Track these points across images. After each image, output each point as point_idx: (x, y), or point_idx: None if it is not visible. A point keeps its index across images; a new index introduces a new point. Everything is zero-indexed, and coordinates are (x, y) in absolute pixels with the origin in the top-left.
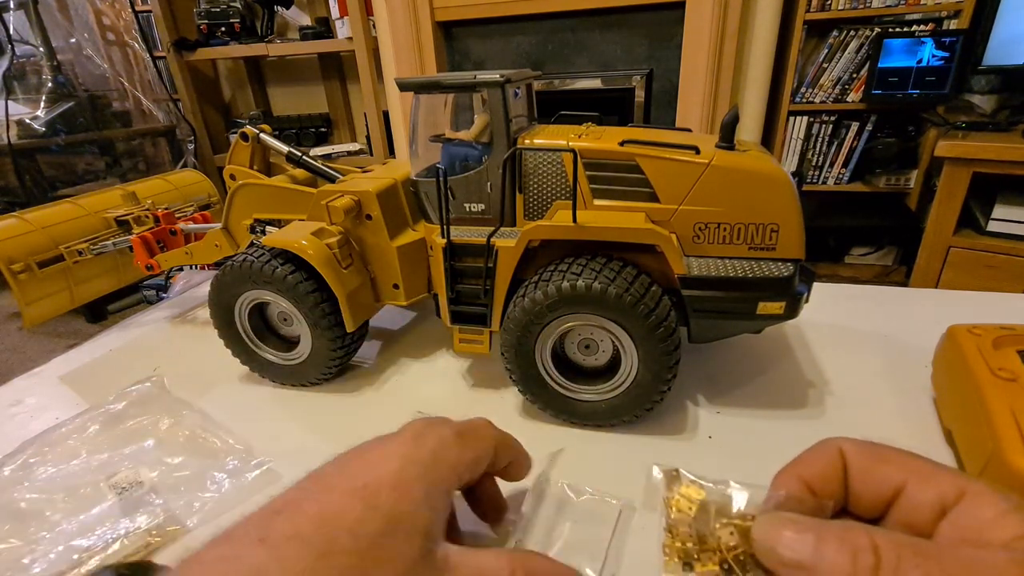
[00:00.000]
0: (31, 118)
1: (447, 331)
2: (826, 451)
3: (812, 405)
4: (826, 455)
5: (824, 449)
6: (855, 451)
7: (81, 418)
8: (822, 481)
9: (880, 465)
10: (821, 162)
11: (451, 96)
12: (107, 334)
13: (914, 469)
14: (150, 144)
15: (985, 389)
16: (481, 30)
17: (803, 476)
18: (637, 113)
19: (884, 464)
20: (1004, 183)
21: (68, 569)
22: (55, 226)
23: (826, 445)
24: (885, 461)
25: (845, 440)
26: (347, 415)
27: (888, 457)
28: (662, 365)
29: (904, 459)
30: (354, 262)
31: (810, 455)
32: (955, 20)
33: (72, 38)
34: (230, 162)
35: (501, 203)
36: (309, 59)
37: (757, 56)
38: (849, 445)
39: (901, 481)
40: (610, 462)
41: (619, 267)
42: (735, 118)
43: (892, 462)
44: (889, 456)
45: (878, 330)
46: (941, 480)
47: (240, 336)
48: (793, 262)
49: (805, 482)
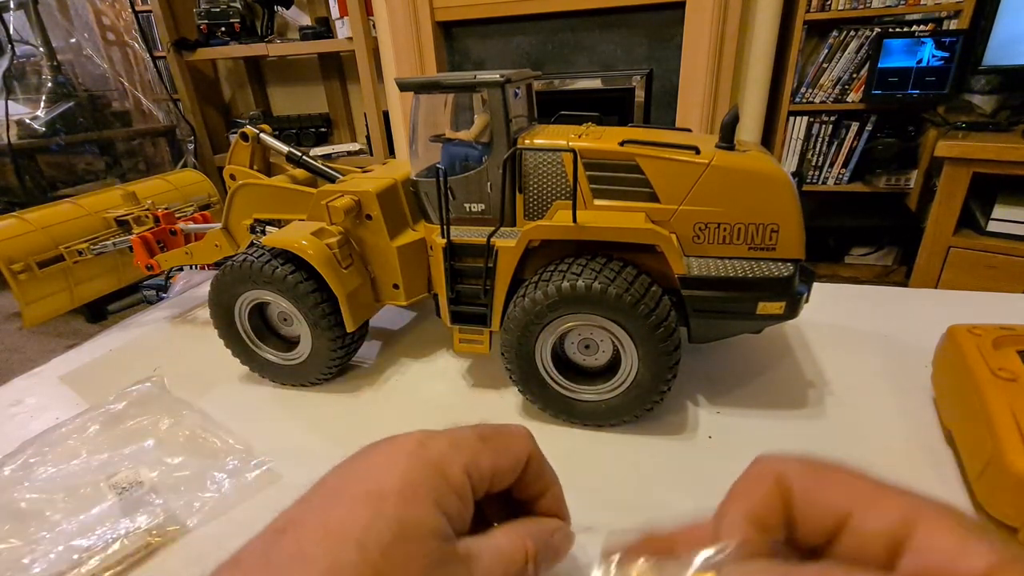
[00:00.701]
0: (31, 118)
1: (447, 331)
2: (764, 478)
3: (812, 405)
4: (765, 483)
5: (761, 476)
6: (796, 474)
7: (81, 418)
8: (766, 514)
9: (823, 490)
10: (821, 162)
11: (451, 96)
12: (107, 334)
13: (859, 494)
14: (150, 144)
15: (985, 389)
16: (481, 30)
17: (747, 513)
18: (637, 113)
19: (827, 488)
20: (1004, 183)
21: (68, 569)
22: (55, 226)
23: (762, 471)
24: (828, 484)
25: (782, 461)
26: (347, 415)
27: (831, 479)
28: (662, 365)
29: (848, 481)
30: (354, 262)
31: (748, 485)
32: (955, 20)
33: (72, 38)
34: (230, 162)
35: (501, 203)
36: (309, 59)
37: (757, 56)
38: (789, 467)
39: (846, 509)
40: (610, 462)
41: (619, 267)
42: (735, 118)
43: (835, 485)
44: (832, 478)
45: (878, 330)
46: (888, 507)
47: (240, 336)
48: (793, 262)
49: (751, 520)
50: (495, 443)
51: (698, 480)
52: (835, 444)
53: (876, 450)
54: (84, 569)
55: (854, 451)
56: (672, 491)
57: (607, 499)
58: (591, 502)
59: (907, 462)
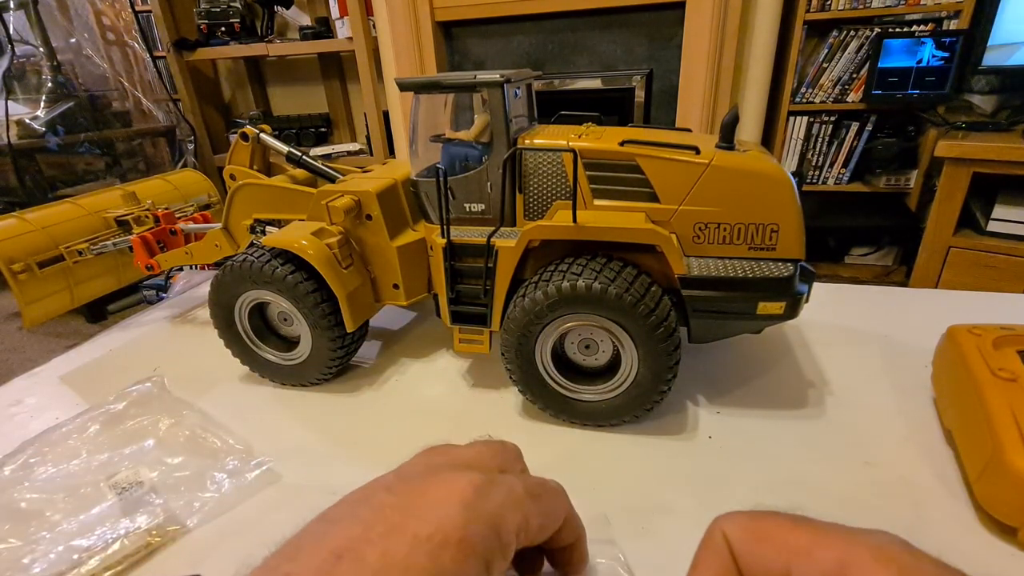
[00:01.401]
0: (31, 118)
1: (447, 331)
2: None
3: (812, 405)
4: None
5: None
6: (736, 537)
7: (81, 418)
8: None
9: (760, 549)
10: (821, 162)
11: (451, 96)
12: (107, 334)
13: (789, 548)
14: (150, 144)
15: (985, 389)
16: (481, 30)
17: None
18: (637, 113)
19: (763, 547)
20: (1004, 183)
21: (68, 569)
22: (55, 226)
23: (712, 537)
24: (764, 543)
25: (728, 522)
26: (347, 415)
27: (767, 535)
28: (662, 365)
29: (783, 535)
30: (354, 262)
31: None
32: (955, 20)
33: (72, 38)
34: (230, 162)
35: (501, 203)
36: (309, 59)
37: (757, 56)
38: (730, 529)
39: (783, 566)
40: (610, 462)
41: (619, 267)
42: (735, 118)
43: (770, 543)
44: (767, 534)
45: (878, 330)
46: (820, 557)
47: (240, 336)
48: (793, 262)
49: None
50: (543, 504)
51: (698, 480)
52: (835, 444)
53: (876, 450)
54: (84, 569)
55: (854, 451)
56: (672, 491)
57: (607, 499)
58: (591, 502)
59: (907, 462)
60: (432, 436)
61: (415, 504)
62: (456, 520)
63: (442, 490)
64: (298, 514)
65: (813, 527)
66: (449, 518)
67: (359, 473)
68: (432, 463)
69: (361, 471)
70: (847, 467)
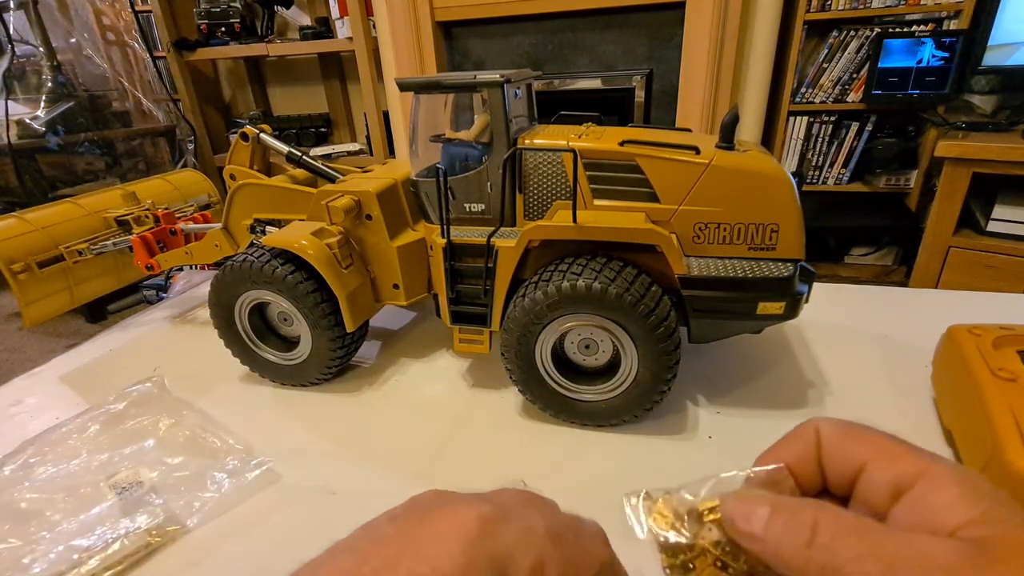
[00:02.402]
0: (31, 118)
1: (447, 331)
2: (803, 432)
3: (812, 405)
4: (803, 437)
5: (802, 431)
6: (829, 430)
7: (81, 418)
8: (798, 462)
9: (849, 443)
10: (821, 162)
11: (451, 96)
12: (107, 334)
13: (879, 448)
14: (150, 144)
15: (985, 389)
16: (481, 30)
17: (780, 458)
18: (637, 113)
19: (852, 442)
20: (1004, 183)
21: (68, 569)
22: (55, 226)
23: (805, 426)
24: (855, 440)
25: (825, 420)
26: (347, 415)
27: (859, 435)
28: (662, 365)
29: (874, 438)
30: (354, 262)
31: (789, 437)
32: (955, 20)
33: (72, 38)
34: (230, 162)
35: (501, 203)
36: (309, 59)
37: (757, 56)
38: (825, 424)
39: (863, 460)
40: (610, 462)
41: (619, 267)
42: (735, 118)
43: (861, 441)
44: (860, 435)
45: (878, 330)
46: (901, 461)
47: (240, 336)
48: (793, 262)
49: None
50: (568, 548)
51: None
52: None
53: None
54: (84, 569)
55: None
56: None
57: (607, 499)
58: (591, 502)
59: None
60: (432, 436)
61: (415, 537)
62: (456, 559)
63: (445, 523)
64: (298, 514)
65: (903, 443)
66: (448, 557)
67: (359, 473)
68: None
69: (361, 471)
70: None
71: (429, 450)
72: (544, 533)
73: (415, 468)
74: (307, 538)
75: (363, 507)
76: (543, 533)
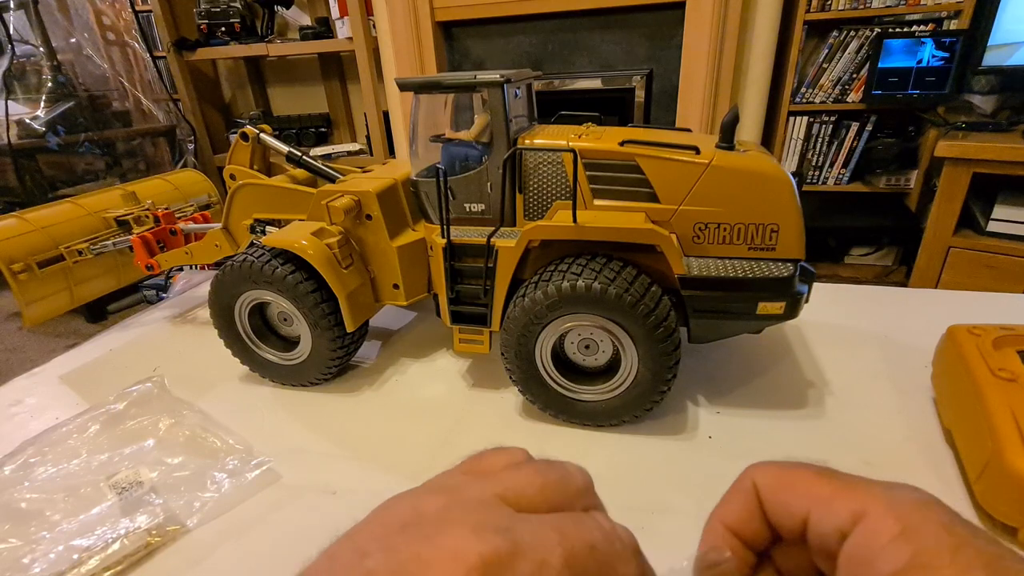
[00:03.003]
0: (31, 118)
1: (447, 331)
2: (742, 488)
3: (812, 405)
4: (743, 493)
5: (740, 486)
6: (763, 483)
7: (81, 418)
8: (743, 523)
9: (785, 496)
10: (821, 162)
11: (451, 96)
12: (107, 334)
13: (813, 496)
14: (150, 144)
15: (985, 389)
16: (481, 30)
17: (726, 522)
18: (637, 113)
19: (788, 494)
20: (1004, 183)
21: (68, 569)
22: (55, 226)
23: (743, 481)
24: (789, 491)
25: (760, 469)
26: (347, 415)
27: (793, 483)
28: (662, 365)
29: (808, 484)
30: (354, 262)
31: (730, 495)
32: (955, 20)
33: (72, 38)
34: (230, 162)
35: (501, 203)
36: (309, 59)
37: (757, 56)
38: (760, 476)
39: (803, 511)
40: (610, 462)
41: (619, 267)
42: (735, 118)
43: (795, 489)
44: (794, 482)
45: (878, 330)
46: (839, 503)
47: (240, 336)
48: (793, 262)
49: (730, 528)
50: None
51: (698, 480)
52: (835, 444)
53: (876, 450)
54: (84, 569)
55: (854, 451)
56: (672, 491)
57: (607, 499)
58: None
59: (907, 462)
60: (432, 436)
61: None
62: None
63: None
64: (298, 514)
65: (838, 479)
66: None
67: (359, 473)
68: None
69: (361, 471)
70: (847, 467)
71: (429, 450)
72: (560, 566)
73: (415, 468)
74: (307, 538)
75: (363, 507)
76: (559, 568)
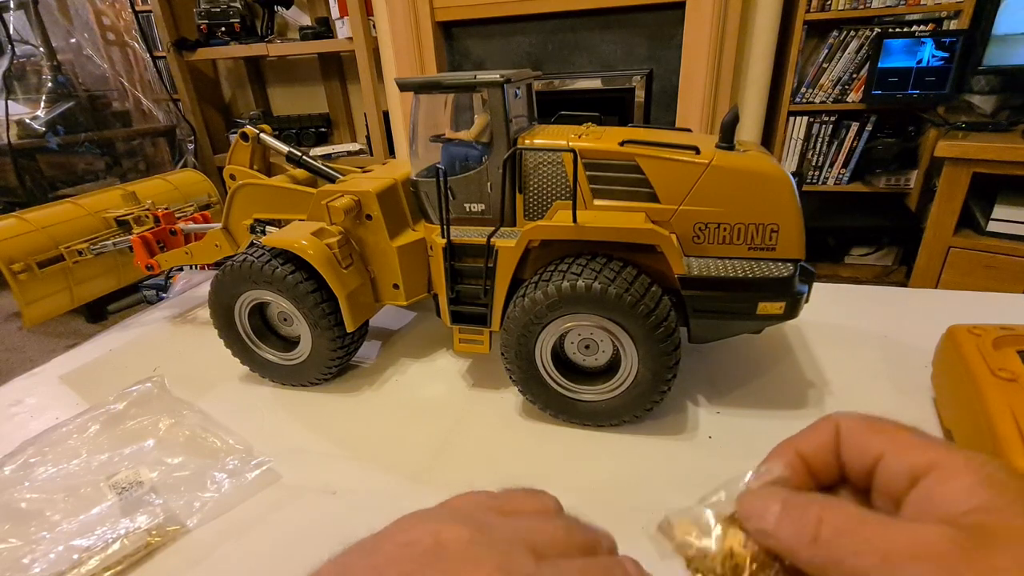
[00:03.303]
0: (31, 118)
1: (447, 331)
2: (823, 425)
3: (812, 405)
4: (822, 430)
5: (822, 424)
6: (848, 423)
7: (81, 418)
8: (816, 454)
9: (867, 435)
10: (821, 162)
11: (451, 96)
12: (107, 334)
13: (895, 439)
14: (150, 144)
15: (985, 389)
16: (481, 30)
17: (799, 450)
18: (637, 113)
19: (870, 435)
20: (1004, 183)
21: (68, 569)
22: (55, 226)
23: (826, 420)
24: (873, 432)
25: (846, 415)
26: (347, 415)
27: (877, 428)
28: (662, 365)
29: (892, 430)
30: (354, 262)
31: (809, 430)
32: (955, 20)
33: (72, 38)
34: (230, 162)
35: (501, 203)
36: (309, 59)
37: (757, 56)
38: (846, 419)
39: (880, 450)
40: (610, 462)
41: (619, 267)
42: (735, 118)
43: (879, 433)
44: (879, 427)
45: (878, 330)
46: (916, 450)
47: (240, 336)
48: (793, 262)
49: (800, 456)
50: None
51: (698, 480)
52: None
53: None
54: (84, 569)
55: None
56: (672, 491)
57: (607, 499)
58: (591, 502)
59: None
60: (432, 436)
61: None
62: None
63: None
64: (298, 514)
65: (921, 434)
66: None
67: (359, 473)
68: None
69: (361, 471)
70: None
71: (429, 450)
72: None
73: (415, 468)
74: (307, 538)
75: (363, 507)
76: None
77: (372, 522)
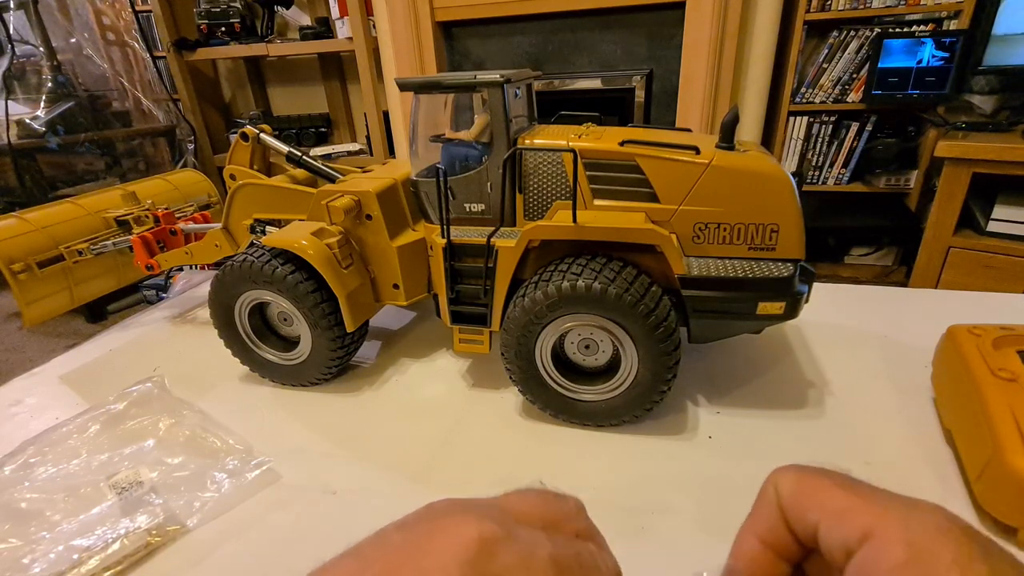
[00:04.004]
0: (31, 118)
1: (447, 331)
2: (766, 497)
3: (812, 405)
4: (767, 503)
5: (765, 495)
6: (784, 491)
7: (81, 418)
8: (771, 535)
9: (802, 506)
10: (821, 162)
11: (451, 96)
12: (107, 334)
13: (827, 507)
14: (150, 144)
15: (985, 389)
16: (481, 30)
17: (758, 535)
18: (637, 113)
19: (805, 503)
20: (1004, 183)
21: (68, 569)
22: (55, 226)
23: (766, 488)
24: (806, 499)
25: (780, 474)
26: (347, 415)
27: (809, 491)
28: (662, 365)
29: (823, 493)
30: (354, 262)
31: (757, 506)
32: (955, 20)
33: (72, 38)
34: (230, 162)
35: (501, 203)
36: (309, 59)
37: (757, 56)
38: (781, 483)
39: (815, 522)
40: (610, 462)
41: (619, 267)
42: (735, 118)
43: (811, 500)
44: (811, 490)
45: (878, 330)
46: (849, 518)
47: (240, 336)
48: (793, 262)
49: (761, 541)
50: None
51: (698, 480)
52: (835, 444)
53: (876, 450)
54: (84, 569)
55: (854, 451)
56: (672, 491)
57: (607, 499)
58: (591, 502)
59: (907, 462)
60: (432, 436)
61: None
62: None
63: (446, 538)
64: (298, 514)
65: (856, 492)
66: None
67: (359, 473)
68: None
69: (361, 471)
70: (847, 467)
71: (429, 450)
72: (547, 561)
73: (415, 468)
74: (307, 538)
75: (363, 507)
76: (546, 560)
77: (372, 522)
